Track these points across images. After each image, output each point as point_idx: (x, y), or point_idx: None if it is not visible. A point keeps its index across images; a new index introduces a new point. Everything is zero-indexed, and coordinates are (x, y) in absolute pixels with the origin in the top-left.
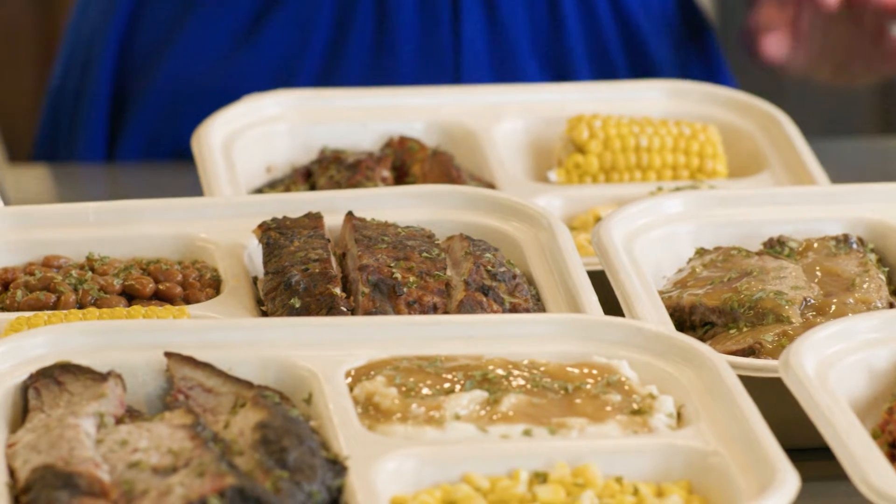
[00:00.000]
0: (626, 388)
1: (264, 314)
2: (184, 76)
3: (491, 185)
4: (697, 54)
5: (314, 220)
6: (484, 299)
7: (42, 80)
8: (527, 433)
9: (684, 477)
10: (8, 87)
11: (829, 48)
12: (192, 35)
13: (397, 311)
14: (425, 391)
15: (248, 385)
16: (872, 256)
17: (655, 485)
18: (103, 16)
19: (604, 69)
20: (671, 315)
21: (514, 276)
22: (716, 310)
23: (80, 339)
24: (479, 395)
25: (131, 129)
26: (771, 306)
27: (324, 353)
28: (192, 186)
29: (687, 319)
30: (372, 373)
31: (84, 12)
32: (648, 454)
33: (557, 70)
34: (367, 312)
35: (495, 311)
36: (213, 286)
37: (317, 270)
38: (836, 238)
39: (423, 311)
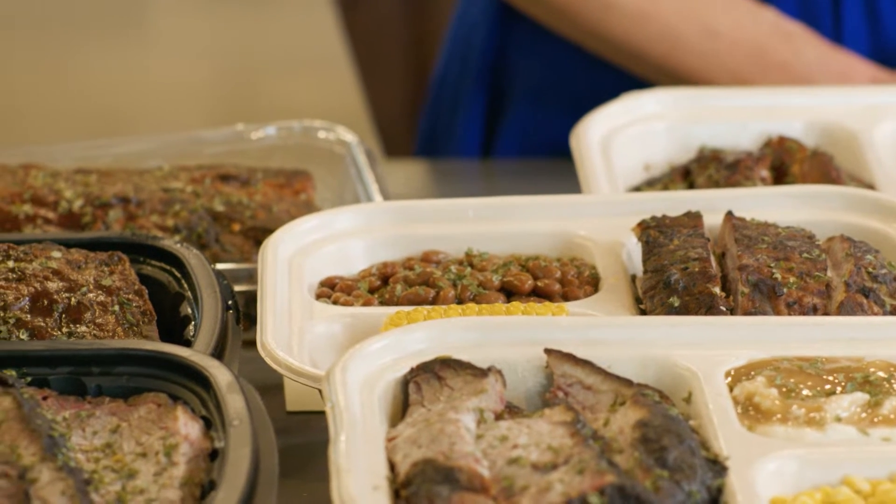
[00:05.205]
0: None
1: (643, 312)
2: (560, 72)
3: (871, 187)
4: None
5: (694, 218)
6: (865, 301)
7: (415, 76)
8: None
9: None
10: (383, 85)
11: None
12: None
13: (777, 312)
14: (805, 392)
15: (628, 383)
16: None
17: None
18: (482, 11)
19: None
20: None
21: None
22: None
23: (460, 335)
24: (861, 397)
25: (508, 125)
26: None
27: (703, 352)
28: (568, 183)
29: None
30: (752, 373)
31: (465, 8)
32: None
33: None
34: (747, 312)
35: (876, 314)
36: (592, 284)
37: (696, 269)
38: None
39: (803, 313)
